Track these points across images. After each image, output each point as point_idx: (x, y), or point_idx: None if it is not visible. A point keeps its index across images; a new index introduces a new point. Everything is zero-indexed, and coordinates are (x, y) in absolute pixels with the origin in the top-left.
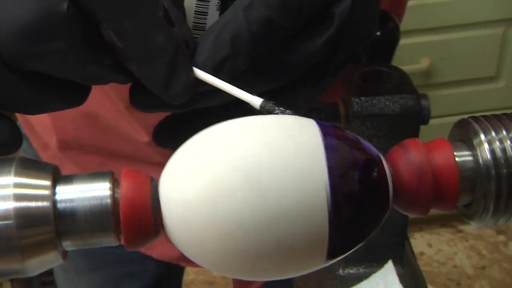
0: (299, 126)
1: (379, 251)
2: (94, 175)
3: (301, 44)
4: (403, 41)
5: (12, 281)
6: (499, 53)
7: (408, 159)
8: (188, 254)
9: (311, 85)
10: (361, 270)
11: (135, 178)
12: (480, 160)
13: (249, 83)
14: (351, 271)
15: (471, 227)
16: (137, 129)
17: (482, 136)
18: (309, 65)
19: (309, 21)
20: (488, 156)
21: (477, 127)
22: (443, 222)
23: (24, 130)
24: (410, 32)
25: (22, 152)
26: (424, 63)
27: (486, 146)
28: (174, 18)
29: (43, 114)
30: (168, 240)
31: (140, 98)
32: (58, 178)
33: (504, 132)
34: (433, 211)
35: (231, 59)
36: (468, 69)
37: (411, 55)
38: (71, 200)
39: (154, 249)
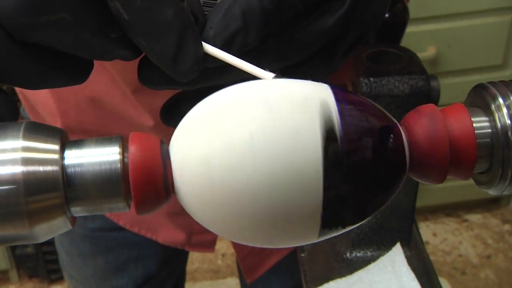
0: (309, 91)
1: (387, 234)
2: (103, 139)
3: (313, 22)
4: (409, 29)
5: (18, 268)
6: (506, 41)
7: (424, 124)
8: (196, 217)
9: (321, 65)
10: (369, 253)
11: (144, 140)
12: (499, 126)
13: (260, 60)
14: (358, 254)
15: (476, 217)
16: (142, 113)
17: (501, 101)
18: (320, 44)
19: None
20: (508, 122)
21: (494, 91)
22: (448, 211)
23: (29, 115)
24: (417, 20)
25: None
26: (430, 51)
27: (504, 111)
28: None
29: (47, 99)
30: (173, 224)
31: (149, 74)
32: (66, 142)
33: None
34: (438, 200)
35: (241, 34)
36: (475, 58)
37: (418, 43)
38: (80, 165)
39: (159, 234)
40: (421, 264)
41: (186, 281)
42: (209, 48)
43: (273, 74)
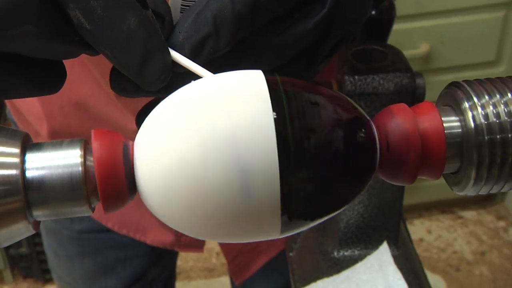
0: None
1: (375, 233)
2: (65, 142)
3: (292, 26)
4: (402, 26)
5: (12, 269)
6: (499, 38)
7: (395, 123)
8: (157, 214)
9: (303, 68)
10: (356, 252)
11: (106, 138)
12: (471, 125)
13: (237, 65)
14: (346, 253)
15: (471, 213)
16: (126, 116)
17: (475, 99)
18: (300, 47)
19: (301, 1)
20: (482, 121)
21: (468, 90)
22: (443, 208)
23: (14, 118)
24: (410, 17)
25: None
26: (423, 48)
27: (479, 110)
28: None
29: (33, 102)
30: (162, 225)
31: (121, 83)
32: (28, 145)
33: (498, 96)
34: (433, 197)
35: (212, 39)
36: (468, 54)
37: (411, 39)
38: (41, 168)
39: (148, 235)
40: (408, 263)
41: (181, 280)
42: (177, 56)
43: None
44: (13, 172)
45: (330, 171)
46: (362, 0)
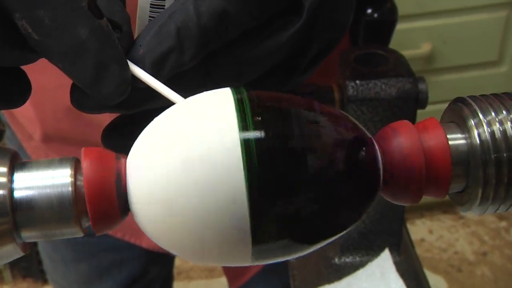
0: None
1: (377, 238)
2: (55, 161)
3: (267, 39)
4: (404, 26)
5: (12, 269)
6: (502, 37)
7: (398, 141)
8: (151, 236)
9: (281, 80)
10: (358, 258)
11: (97, 156)
12: (477, 143)
13: (209, 79)
14: (347, 260)
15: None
16: None
17: (481, 117)
18: (276, 60)
19: (276, 13)
20: (485, 139)
21: (474, 107)
22: (444, 208)
23: (8, 120)
24: (412, 17)
25: (6, 139)
26: (425, 48)
27: (485, 128)
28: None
29: (26, 106)
30: None
31: (79, 98)
32: (16, 164)
33: (504, 113)
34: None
35: (174, 53)
36: (470, 54)
37: (413, 39)
38: (30, 188)
39: (143, 238)
40: (411, 269)
41: (181, 280)
42: (136, 70)
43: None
44: (0, 192)
45: (307, 200)
46: (343, 11)
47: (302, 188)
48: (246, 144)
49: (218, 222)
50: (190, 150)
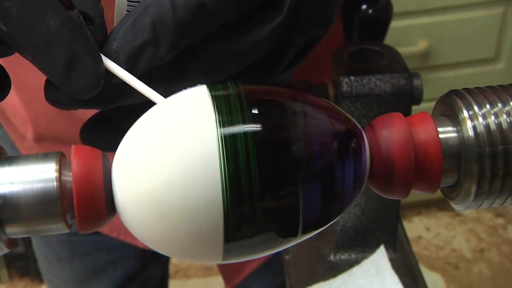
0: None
1: (372, 235)
2: (39, 156)
3: (247, 33)
4: (401, 23)
5: (9, 268)
6: (498, 34)
7: (387, 133)
8: (137, 235)
9: (264, 75)
10: (353, 255)
11: (86, 155)
12: (472, 136)
13: (187, 74)
14: (342, 257)
15: (469, 211)
16: None
17: (476, 109)
18: (256, 55)
19: (257, 7)
20: (479, 132)
21: (469, 99)
22: (441, 205)
23: (0, 120)
24: (408, 14)
25: None
26: (422, 45)
27: (478, 121)
28: None
29: (18, 106)
30: None
31: (54, 94)
32: (0, 159)
33: (500, 105)
34: (432, 195)
35: (150, 47)
36: (467, 51)
37: (409, 36)
38: (13, 183)
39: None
40: (406, 266)
41: (179, 278)
42: (110, 65)
43: (163, 98)
44: None
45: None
46: (328, 3)
47: (276, 187)
48: (223, 142)
49: (193, 223)
50: (170, 155)
